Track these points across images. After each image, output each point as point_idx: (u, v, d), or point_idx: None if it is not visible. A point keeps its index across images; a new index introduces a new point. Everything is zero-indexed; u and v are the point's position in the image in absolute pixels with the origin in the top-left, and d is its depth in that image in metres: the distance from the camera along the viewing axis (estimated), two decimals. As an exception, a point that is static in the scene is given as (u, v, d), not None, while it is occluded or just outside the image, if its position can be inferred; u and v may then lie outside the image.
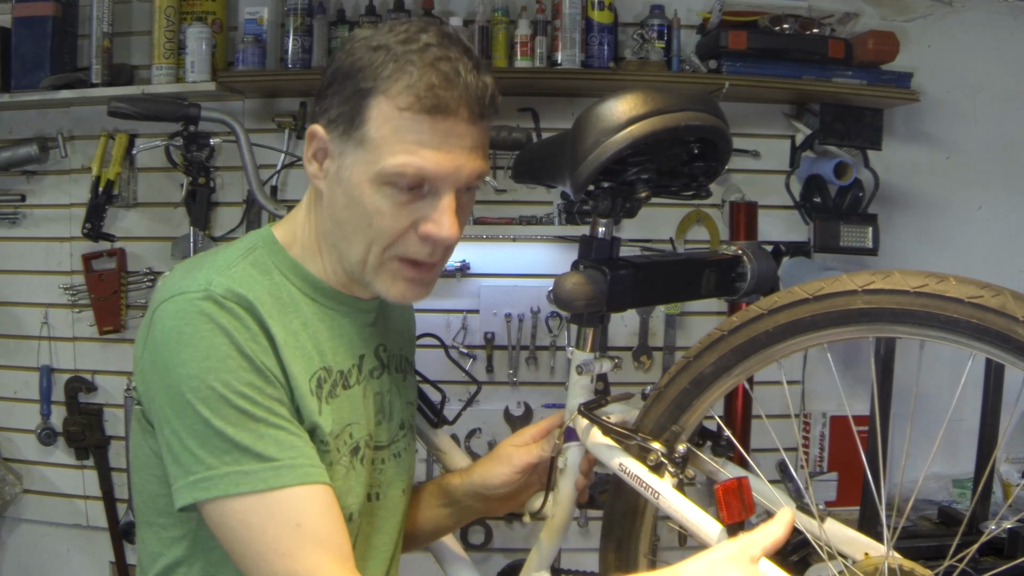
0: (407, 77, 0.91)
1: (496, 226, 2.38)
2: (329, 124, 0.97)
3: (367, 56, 0.94)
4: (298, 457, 0.91)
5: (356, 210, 0.96)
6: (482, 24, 2.33)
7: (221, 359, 0.88)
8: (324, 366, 0.99)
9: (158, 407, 0.91)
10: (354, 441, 1.01)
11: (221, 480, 0.88)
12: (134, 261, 2.46)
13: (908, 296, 0.82)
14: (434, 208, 0.95)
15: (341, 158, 0.96)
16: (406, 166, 0.92)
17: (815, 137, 2.39)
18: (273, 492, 0.88)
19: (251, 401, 0.89)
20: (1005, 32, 2.53)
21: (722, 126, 1.05)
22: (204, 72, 2.28)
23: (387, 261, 0.98)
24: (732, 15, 2.34)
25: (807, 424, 2.48)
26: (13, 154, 2.40)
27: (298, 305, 1.00)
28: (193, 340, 0.89)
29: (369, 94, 0.93)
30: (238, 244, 1.02)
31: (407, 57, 0.92)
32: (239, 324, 0.90)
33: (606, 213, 1.08)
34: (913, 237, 2.51)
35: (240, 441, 0.88)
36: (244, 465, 0.88)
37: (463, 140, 0.94)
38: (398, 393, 1.15)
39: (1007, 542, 1.78)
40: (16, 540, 2.54)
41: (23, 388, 2.49)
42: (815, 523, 0.97)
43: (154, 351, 0.91)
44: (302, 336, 0.98)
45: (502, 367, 2.46)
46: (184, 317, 0.90)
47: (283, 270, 1.01)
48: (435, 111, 0.91)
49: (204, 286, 0.91)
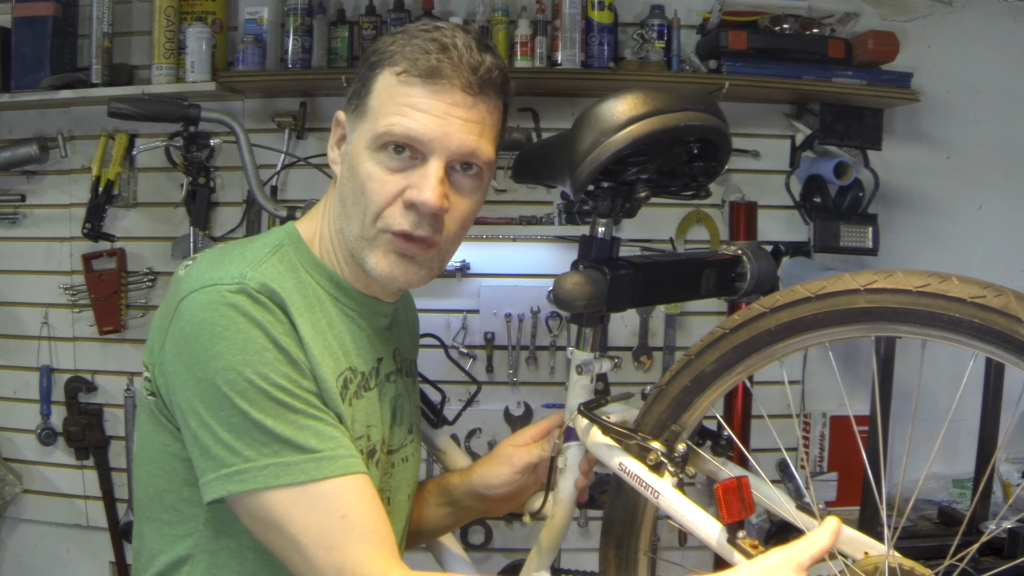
0: (408, 49, 0.95)
1: (496, 226, 2.38)
2: (347, 106, 1.01)
3: (386, 40, 0.99)
4: (338, 448, 0.90)
5: (354, 181, 0.97)
6: (482, 24, 2.34)
7: (258, 351, 0.87)
8: (350, 366, 0.99)
9: (184, 399, 0.89)
10: (371, 444, 1.01)
11: (260, 472, 0.86)
12: (134, 261, 2.46)
13: (911, 296, 0.82)
14: (420, 175, 0.95)
15: (351, 134, 1.00)
16: (394, 125, 0.94)
17: (815, 137, 2.39)
18: (316, 483, 0.87)
19: (289, 393, 0.88)
20: (1005, 32, 2.53)
21: (722, 126, 1.05)
22: (204, 72, 2.28)
23: (379, 234, 0.97)
24: (732, 15, 2.34)
25: (807, 424, 2.48)
26: (13, 154, 2.40)
27: (323, 304, 0.99)
28: (228, 333, 0.87)
29: (376, 68, 0.97)
30: (264, 240, 1.01)
31: (415, 34, 0.97)
32: (273, 319, 0.89)
33: (606, 213, 1.08)
34: (913, 237, 2.51)
35: (280, 433, 0.87)
36: (285, 457, 0.86)
37: (457, 109, 0.95)
38: (408, 397, 1.15)
39: (1007, 542, 1.78)
40: (16, 540, 2.54)
41: (23, 388, 2.49)
42: (815, 523, 0.97)
43: (181, 343, 0.89)
44: (329, 335, 0.97)
45: (502, 367, 2.46)
46: (217, 309, 0.88)
47: (308, 268, 1.01)
48: (427, 75, 0.94)
49: (238, 279, 0.90)
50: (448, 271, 2.39)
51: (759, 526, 2.11)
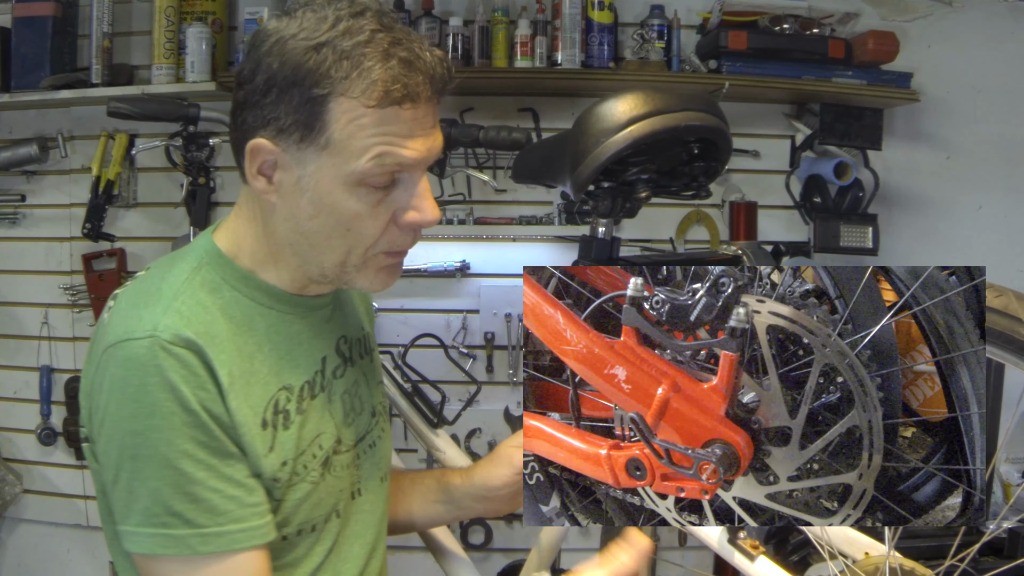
0: (368, 73, 0.87)
1: (496, 226, 2.38)
2: (279, 135, 0.90)
3: (310, 58, 0.87)
4: (227, 524, 0.89)
5: (329, 218, 0.92)
6: (482, 24, 2.33)
7: (165, 416, 0.86)
8: (283, 386, 0.97)
9: (101, 451, 0.90)
10: (324, 452, 0.99)
11: (148, 539, 0.87)
12: (134, 261, 2.46)
13: (909, 296, 0.82)
14: (412, 195, 0.93)
15: (301, 167, 0.91)
16: (383, 158, 0.89)
17: (815, 137, 2.39)
18: (198, 557, 0.88)
19: (193, 460, 0.87)
20: (1005, 32, 2.53)
21: (722, 126, 1.05)
22: (204, 72, 2.28)
23: (371, 258, 0.96)
24: (732, 15, 2.35)
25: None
26: (13, 154, 2.40)
27: (252, 322, 0.96)
28: (139, 395, 0.86)
29: (327, 99, 0.87)
30: (183, 263, 0.97)
31: (358, 51, 0.87)
32: (187, 372, 0.87)
33: (606, 213, 1.08)
34: (913, 237, 2.51)
35: (171, 504, 0.87)
36: (172, 529, 0.87)
37: (427, 120, 0.92)
38: (365, 381, 1.12)
39: (1007, 542, 1.78)
40: (16, 540, 2.54)
41: (23, 388, 2.49)
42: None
43: (100, 398, 0.89)
44: (257, 359, 0.95)
45: (502, 367, 2.46)
46: (130, 368, 0.87)
47: (234, 283, 0.97)
48: (404, 100, 0.88)
49: (150, 331, 0.87)
50: (448, 271, 2.40)
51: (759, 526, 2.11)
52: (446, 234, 2.37)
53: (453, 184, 2.35)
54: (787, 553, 1.84)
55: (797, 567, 0.99)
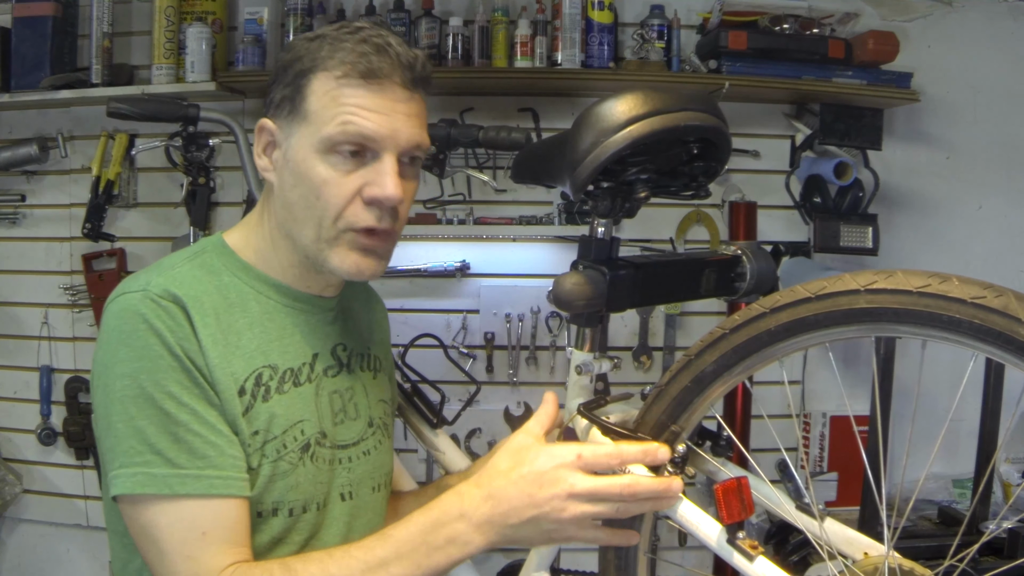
0: (342, 53, 0.98)
1: (496, 226, 2.38)
2: (275, 112, 1.03)
3: (305, 45, 1.01)
4: (207, 468, 0.92)
5: (304, 186, 1.00)
6: (482, 24, 2.33)
7: (153, 359, 0.92)
8: (268, 364, 1.01)
9: (98, 401, 0.95)
10: (305, 438, 1.02)
11: (129, 479, 0.91)
12: (134, 261, 2.46)
13: (911, 296, 0.81)
14: (376, 172, 0.99)
15: (287, 140, 1.01)
16: (347, 125, 0.97)
17: (815, 137, 2.39)
18: (178, 499, 0.91)
19: (177, 402, 0.92)
20: (1005, 32, 2.53)
21: (722, 126, 1.05)
22: (204, 72, 2.28)
23: (340, 235, 1.01)
24: (732, 15, 2.34)
25: (807, 424, 2.48)
26: (13, 154, 2.40)
27: (247, 304, 1.02)
28: (130, 339, 0.92)
29: (308, 73, 0.99)
30: (186, 249, 1.06)
31: (341, 37, 0.99)
32: (173, 323, 0.94)
33: (606, 213, 1.08)
34: (913, 237, 2.51)
35: (155, 443, 0.91)
36: (153, 468, 0.90)
37: (399, 106, 0.99)
38: (365, 392, 1.15)
39: (1007, 542, 1.78)
40: (16, 540, 2.54)
41: (23, 388, 2.49)
42: (815, 523, 0.97)
43: (99, 349, 0.95)
44: (246, 335, 1.00)
45: (502, 367, 2.46)
46: (123, 316, 0.94)
47: (234, 271, 1.04)
48: (369, 75, 0.97)
49: (143, 286, 0.95)
50: (448, 271, 2.40)
51: (759, 526, 2.11)
52: (446, 234, 2.37)
53: (453, 184, 2.35)
54: (787, 553, 1.85)
55: (797, 567, 0.99)
